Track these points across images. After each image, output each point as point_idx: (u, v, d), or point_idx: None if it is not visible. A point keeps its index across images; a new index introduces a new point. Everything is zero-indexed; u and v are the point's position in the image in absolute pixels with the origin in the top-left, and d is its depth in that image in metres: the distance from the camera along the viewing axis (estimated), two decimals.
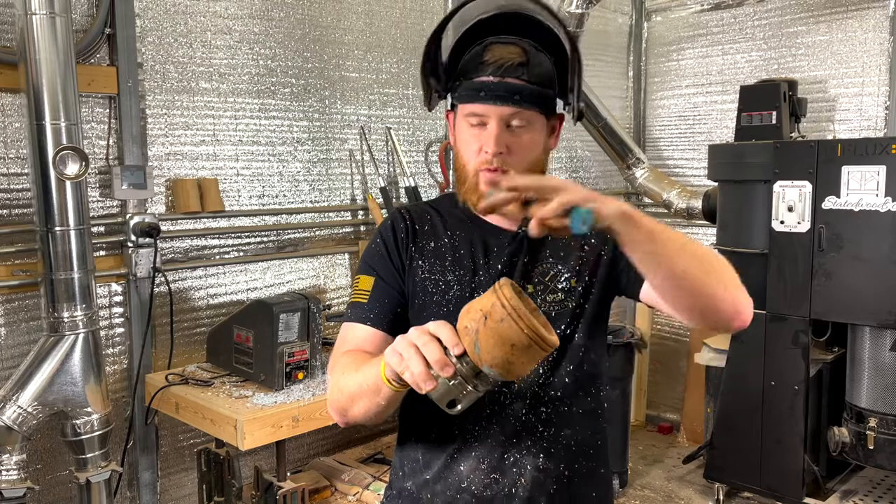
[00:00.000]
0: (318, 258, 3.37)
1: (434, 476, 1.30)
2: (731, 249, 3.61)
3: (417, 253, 1.33)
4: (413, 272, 1.32)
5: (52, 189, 2.31)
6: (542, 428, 1.28)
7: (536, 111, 1.25)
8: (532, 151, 1.27)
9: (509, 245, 1.32)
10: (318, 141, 3.35)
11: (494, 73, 1.23)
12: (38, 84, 2.27)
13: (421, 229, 1.36)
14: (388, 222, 1.38)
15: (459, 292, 1.29)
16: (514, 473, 1.27)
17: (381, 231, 1.38)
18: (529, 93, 1.23)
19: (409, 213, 1.38)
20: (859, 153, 3.16)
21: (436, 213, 1.38)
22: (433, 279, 1.31)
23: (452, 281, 1.30)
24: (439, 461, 1.30)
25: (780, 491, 3.48)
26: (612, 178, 4.92)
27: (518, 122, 1.24)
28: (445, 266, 1.31)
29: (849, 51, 4.06)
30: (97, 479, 2.46)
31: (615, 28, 4.88)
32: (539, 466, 1.27)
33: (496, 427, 1.27)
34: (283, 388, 2.57)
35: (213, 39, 2.97)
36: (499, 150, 1.23)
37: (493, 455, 1.27)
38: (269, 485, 2.58)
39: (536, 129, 1.26)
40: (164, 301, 2.86)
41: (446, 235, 1.34)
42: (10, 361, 2.51)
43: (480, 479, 1.27)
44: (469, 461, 1.28)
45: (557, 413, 1.29)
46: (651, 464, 4.38)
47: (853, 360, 3.37)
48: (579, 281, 1.30)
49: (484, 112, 1.24)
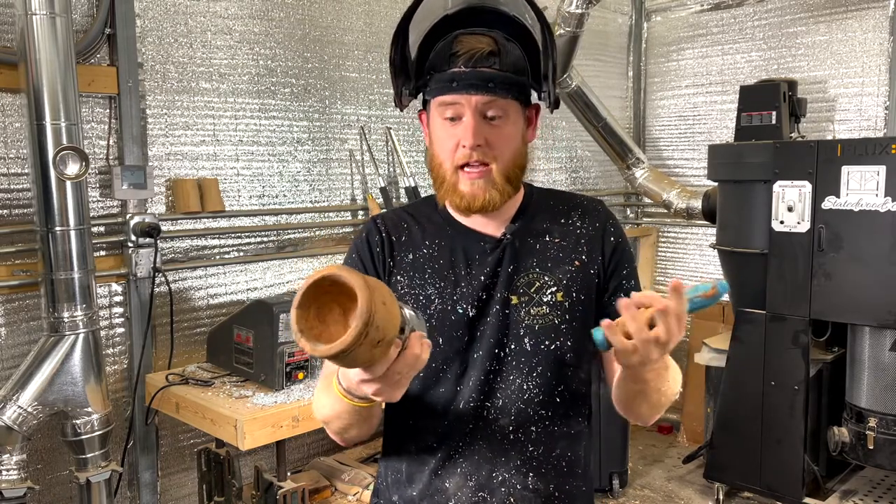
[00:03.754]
0: (318, 258, 3.37)
1: (420, 492, 1.25)
2: (731, 249, 3.61)
3: (395, 267, 1.27)
4: (392, 287, 1.22)
5: (53, 189, 2.31)
6: (531, 447, 1.23)
7: (511, 99, 1.19)
8: (512, 143, 1.21)
9: (492, 252, 1.25)
10: (318, 141, 3.35)
11: (466, 64, 1.17)
12: (38, 84, 2.27)
13: (398, 240, 1.28)
14: (362, 235, 1.31)
15: (441, 306, 1.23)
16: (502, 493, 1.22)
17: (356, 245, 1.31)
18: (503, 80, 1.17)
19: (385, 224, 1.30)
20: (859, 153, 3.16)
21: (413, 221, 1.30)
22: (413, 293, 1.24)
23: (433, 294, 1.23)
24: (423, 476, 1.25)
25: (780, 491, 3.48)
26: (612, 178, 4.92)
27: (494, 111, 1.18)
28: (425, 279, 1.24)
29: (849, 51, 4.06)
30: (97, 479, 2.46)
31: (615, 28, 4.88)
32: (529, 486, 1.23)
33: (482, 443, 1.22)
34: (283, 388, 2.57)
35: (213, 39, 2.97)
36: (477, 143, 1.17)
37: (479, 472, 1.22)
38: (270, 485, 2.58)
39: (513, 119, 1.20)
40: (164, 301, 2.86)
41: (424, 245, 1.27)
42: (10, 361, 2.52)
43: (468, 496, 1.22)
44: (455, 478, 1.23)
45: (547, 432, 1.24)
46: (651, 464, 4.39)
47: (853, 360, 3.37)
48: (566, 296, 1.23)
49: (457, 101, 1.18)
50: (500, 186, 1.20)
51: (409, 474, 1.27)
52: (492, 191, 1.19)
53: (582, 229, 1.28)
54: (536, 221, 1.28)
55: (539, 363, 1.22)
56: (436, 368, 1.22)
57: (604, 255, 1.27)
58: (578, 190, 4.75)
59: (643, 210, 5.11)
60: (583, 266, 1.26)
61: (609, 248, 1.28)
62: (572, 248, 1.27)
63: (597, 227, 1.29)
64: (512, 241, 1.26)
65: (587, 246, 1.27)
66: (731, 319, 3.79)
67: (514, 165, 1.21)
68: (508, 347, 1.23)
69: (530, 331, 1.23)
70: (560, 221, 1.29)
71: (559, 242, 1.27)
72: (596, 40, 4.68)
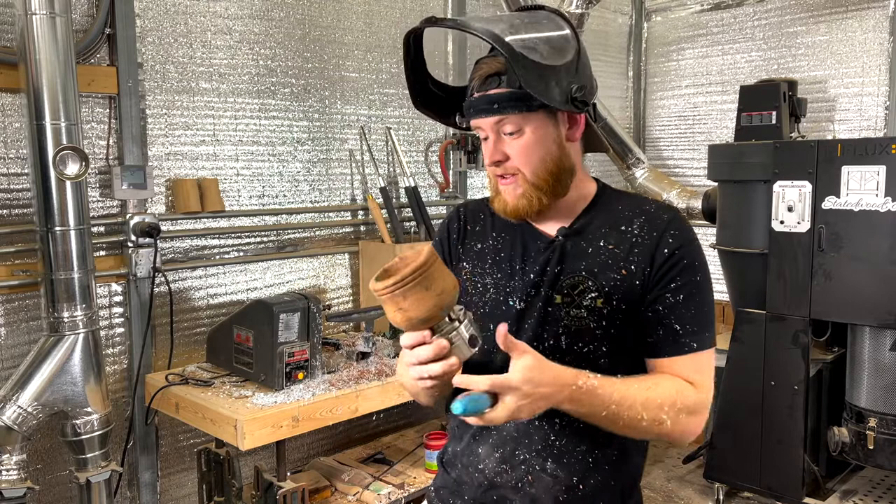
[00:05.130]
0: (318, 258, 3.37)
1: (463, 449, 1.40)
2: (731, 249, 3.61)
3: (465, 254, 1.41)
4: (458, 272, 1.39)
5: (53, 189, 2.31)
6: (553, 437, 1.30)
7: (525, 112, 1.25)
8: (535, 152, 1.27)
9: (545, 251, 1.33)
10: (318, 141, 3.35)
11: (478, 89, 1.28)
12: (38, 84, 2.27)
13: (472, 230, 1.43)
14: (445, 221, 1.49)
15: (495, 295, 1.34)
16: (521, 470, 1.32)
17: (440, 228, 1.50)
18: (507, 97, 1.24)
19: (465, 213, 1.46)
20: (859, 153, 3.16)
21: (489, 213, 1.41)
22: (473, 281, 1.37)
23: (490, 284, 1.35)
24: (466, 437, 1.39)
25: (780, 491, 3.47)
26: (612, 178, 4.91)
27: (509, 128, 1.26)
28: (485, 269, 1.37)
29: (849, 51, 4.06)
30: (97, 479, 2.46)
31: (615, 28, 4.88)
32: (548, 471, 1.30)
33: (509, 423, 1.30)
34: (283, 388, 2.57)
35: (213, 39, 2.97)
36: (494, 161, 1.29)
37: (505, 447, 1.33)
38: (270, 485, 2.58)
39: (534, 128, 1.26)
40: (164, 301, 2.86)
41: (492, 237, 1.39)
42: (10, 361, 2.52)
43: (493, 465, 1.34)
44: (486, 446, 1.35)
45: (572, 427, 1.28)
46: (651, 464, 4.39)
47: (853, 360, 3.37)
48: (606, 303, 1.27)
49: (478, 125, 1.29)
50: (528, 193, 1.28)
51: (459, 434, 1.42)
52: (521, 199, 1.29)
53: (639, 237, 1.30)
54: (595, 224, 1.33)
55: (571, 362, 1.23)
56: (486, 350, 1.27)
57: (653, 265, 1.28)
58: None
59: None
60: (629, 275, 1.28)
61: (661, 258, 1.28)
62: (624, 256, 1.29)
63: (654, 235, 1.29)
64: (564, 242, 1.33)
65: (639, 255, 1.29)
66: (731, 319, 3.79)
67: (543, 171, 1.28)
68: (547, 343, 1.30)
69: (567, 331, 1.29)
70: (620, 228, 1.32)
71: (612, 249, 1.30)
72: (596, 40, 4.68)
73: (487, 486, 1.36)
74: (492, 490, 1.36)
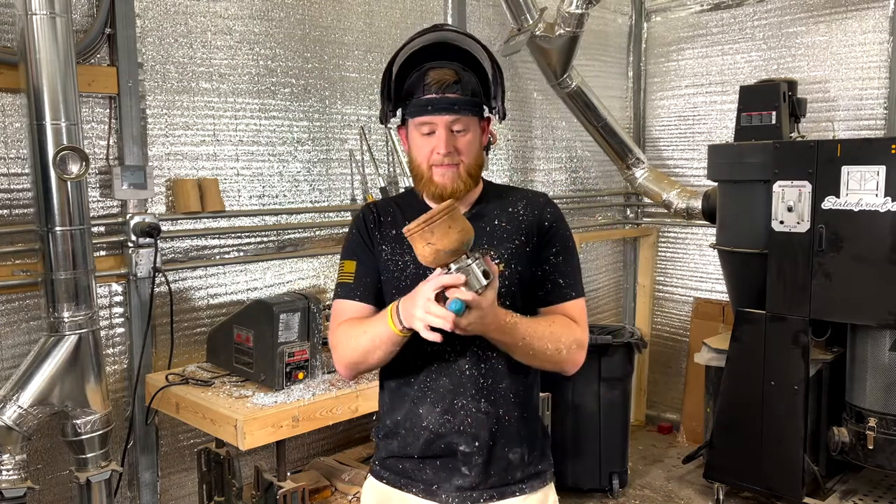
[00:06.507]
0: (318, 258, 3.37)
1: (403, 417, 1.65)
2: (731, 249, 3.61)
3: (382, 240, 1.67)
4: (379, 254, 1.66)
5: (53, 189, 2.31)
6: (482, 380, 1.60)
7: (471, 116, 1.60)
8: (473, 148, 1.62)
9: None
10: (318, 141, 3.35)
11: (437, 91, 1.58)
12: (38, 84, 2.27)
13: (385, 220, 1.69)
14: (359, 216, 1.72)
15: (414, 270, 1.60)
16: (461, 415, 1.60)
17: (355, 223, 1.72)
18: (464, 103, 1.59)
19: (376, 208, 1.73)
20: (859, 153, 3.16)
21: (397, 207, 1.72)
22: (394, 259, 1.64)
23: (409, 261, 1.61)
24: (405, 406, 1.65)
25: (780, 491, 3.48)
26: (612, 178, 4.92)
27: (459, 126, 1.59)
28: (404, 249, 1.61)
29: (849, 51, 4.06)
30: (97, 479, 2.46)
31: (615, 28, 4.88)
32: (482, 410, 1.60)
33: (445, 380, 1.60)
34: (283, 388, 2.57)
35: (213, 40, 2.97)
36: (447, 151, 1.58)
37: (444, 401, 1.60)
38: (270, 485, 2.58)
39: (473, 130, 1.61)
40: (164, 301, 2.86)
41: (405, 224, 1.55)
42: (10, 361, 2.52)
43: (436, 419, 1.60)
44: (426, 406, 1.62)
45: (494, 369, 1.61)
46: (651, 464, 4.39)
47: (853, 360, 3.37)
48: (507, 266, 1.61)
49: (432, 121, 1.58)
50: (464, 179, 1.61)
51: (393, 406, 1.68)
52: (458, 182, 1.61)
53: (524, 216, 1.67)
54: (489, 209, 1.68)
55: None
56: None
57: (539, 234, 1.65)
58: (578, 190, 4.76)
59: (643, 210, 5.11)
60: (522, 244, 1.64)
61: (544, 229, 1.66)
62: (515, 230, 1.65)
63: (535, 213, 1.67)
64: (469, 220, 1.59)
65: (527, 228, 1.65)
66: (730, 319, 3.80)
67: (474, 164, 1.63)
68: None
69: None
70: (508, 210, 1.68)
71: (505, 226, 1.65)
72: (596, 40, 4.68)
73: (434, 439, 1.61)
74: (438, 440, 1.61)
